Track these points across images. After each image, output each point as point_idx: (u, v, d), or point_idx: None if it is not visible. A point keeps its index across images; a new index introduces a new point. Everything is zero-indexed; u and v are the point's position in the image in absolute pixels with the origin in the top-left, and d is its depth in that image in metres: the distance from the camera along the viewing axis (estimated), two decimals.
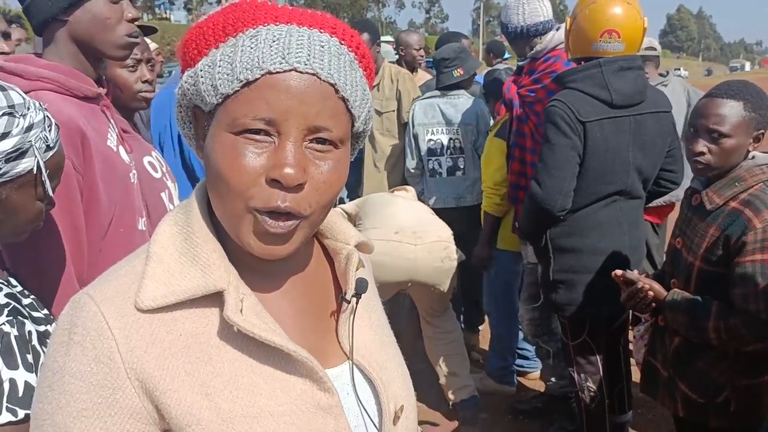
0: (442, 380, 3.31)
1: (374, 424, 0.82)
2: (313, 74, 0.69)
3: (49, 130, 1.20)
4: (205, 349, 0.73)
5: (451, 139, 3.77)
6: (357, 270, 0.86)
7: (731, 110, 1.85)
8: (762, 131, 1.87)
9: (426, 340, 3.33)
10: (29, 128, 1.14)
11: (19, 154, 1.14)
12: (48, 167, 1.20)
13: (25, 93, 1.41)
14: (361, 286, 0.83)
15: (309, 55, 0.69)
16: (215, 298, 0.74)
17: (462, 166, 3.81)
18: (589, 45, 2.48)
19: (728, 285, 1.82)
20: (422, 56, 4.73)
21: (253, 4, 0.74)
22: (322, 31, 0.73)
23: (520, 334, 3.72)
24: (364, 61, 0.78)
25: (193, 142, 0.81)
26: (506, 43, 7.89)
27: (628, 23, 2.44)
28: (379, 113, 4.14)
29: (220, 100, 0.71)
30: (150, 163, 1.89)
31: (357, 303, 0.84)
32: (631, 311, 2.63)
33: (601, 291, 2.43)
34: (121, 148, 1.64)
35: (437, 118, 3.78)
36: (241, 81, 0.69)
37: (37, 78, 1.47)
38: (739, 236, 1.78)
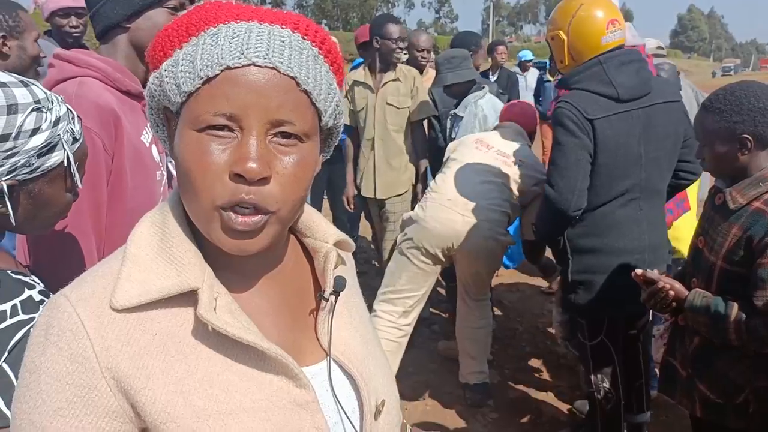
0: (461, 360, 3.51)
1: (350, 421, 0.83)
2: (273, 68, 0.70)
3: (74, 122, 1.22)
4: (180, 348, 0.73)
5: None
6: (336, 268, 0.87)
7: (702, 121, 1.94)
8: (746, 135, 1.85)
9: (458, 319, 3.52)
10: (57, 122, 1.16)
11: (49, 148, 1.16)
12: (76, 159, 1.22)
13: (72, 77, 1.53)
14: (339, 284, 0.84)
15: (268, 50, 0.70)
16: (190, 297, 0.74)
17: None
18: (597, 42, 2.48)
19: (749, 286, 1.80)
20: (424, 57, 4.65)
21: (216, 5, 0.75)
22: (283, 26, 0.74)
23: None
24: (330, 56, 0.78)
25: (167, 144, 0.81)
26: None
27: (616, 11, 2.54)
28: (397, 108, 4.12)
29: (183, 99, 0.72)
30: None
31: (336, 301, 0.85)
32: (652, 311, 2.61)
33: (619, 291, 2.41)
34: (153, 147, 1.69)
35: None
36: (202, 78, 0.70)
37: (86, 66, 1.57)
38: (762, 237, 1.76)
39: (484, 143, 3.42)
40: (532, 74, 8.70)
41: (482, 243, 3.18)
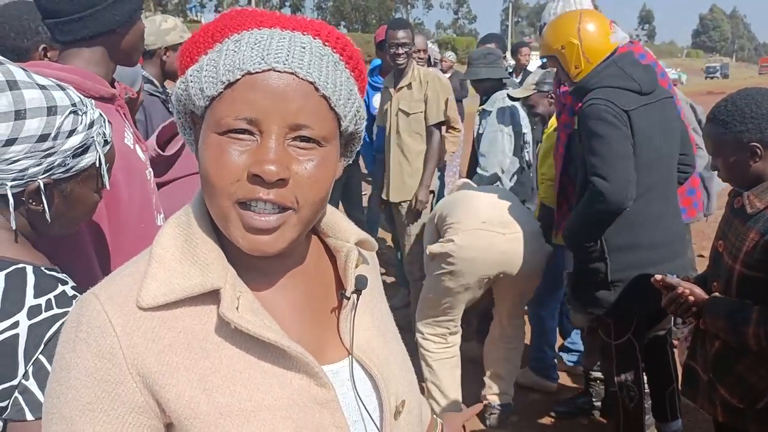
0: (486, 379, 3.38)
1: (372, 419, 0.84)
2: (292, 73, 0.72)
3: (105, 126, 1.27)
4: (204, 346, 0.75)
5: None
6: (357, 267, 0.88)
7: (710, 134, 1.96)
8: (754, 143, 1.86)
9: (490, 339, 3.40)
10: (91, 124, 1.21)
11: (83, 149, 1.20)
12: (106, 161, 1.27)
13: None
14: (360, 283, 0.85)
15: (288, 55, 0.72)
16: (214, 296, 0.76)
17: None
18: (608, 39, 2.62)
19: None
20: (422, 58, 4.69)
21: (242, 12, 0.77)
22: (305, 33, 0.76)
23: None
24: (351, 62, 0.80)
25: (194, 147, 0.83)
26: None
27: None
28: (406, 114, 4.15)
29: (207, 103, 0.75)
30: None
31: (357, 299, 0.86)
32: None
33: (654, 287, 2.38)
34: (137, 147, 1.67)
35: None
36: (224, 82, 0.72)
37: (56, 80, 1.52)
38: None
39: None
40: None
41: (529, 258, 3.02)
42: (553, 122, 3.60)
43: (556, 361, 3.74)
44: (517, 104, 3.90)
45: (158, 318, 0.75)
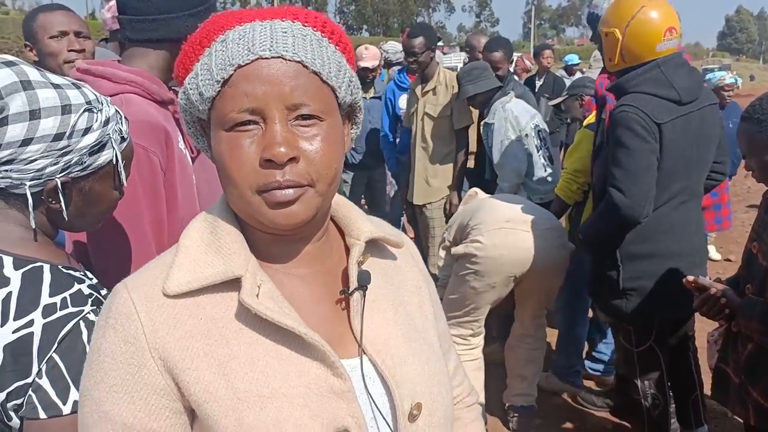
0: (509, 380, 3.36)
1: (384, 418, 0.84)
2: (279, 57, 0.75)
3: (122, 123, 1.28)
4: (224, 333, 0.79)
5: None
6: (364, 263, 0.90)
7: (744, 133, 1.92)
8: None
9: (513, 338, 3.37)
10: (107, 122, 1.22)
11: (100, 147, 1.21)
12: (123, 157, 1.28)
13: (112, 95, 1.49)
14: (362, 279, 0.87)
15: (272, 41, 0.75)
16: (235, 285, 0.80)
17: None
18: (652, 47, 2.43)
19: None
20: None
21: (221, 16, 0.81)
22: (283, 19, 0.79)
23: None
24: (334, 37, 0.82)
25: (209, 153, 0.86)
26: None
27: (676, 18, 2.47)
28: (432, 118, 4.16)
29: (209, 105, 0.79)
30: None
31: (364, 296, 0.87)
32: (695, 316, 2.57)
33: (674, 295, 2.36)
34: (187, 151, 1.71)
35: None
36: (219, 81, 0.76)
37: (125, 82, 1.55)
38: None
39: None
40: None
41: (555, 254, 3.03)
42: (590, 119, 3.56)
43: (580, 368, 3.71)
44: (521, 104, 3.85)
45: (181, 305, 0.79)
